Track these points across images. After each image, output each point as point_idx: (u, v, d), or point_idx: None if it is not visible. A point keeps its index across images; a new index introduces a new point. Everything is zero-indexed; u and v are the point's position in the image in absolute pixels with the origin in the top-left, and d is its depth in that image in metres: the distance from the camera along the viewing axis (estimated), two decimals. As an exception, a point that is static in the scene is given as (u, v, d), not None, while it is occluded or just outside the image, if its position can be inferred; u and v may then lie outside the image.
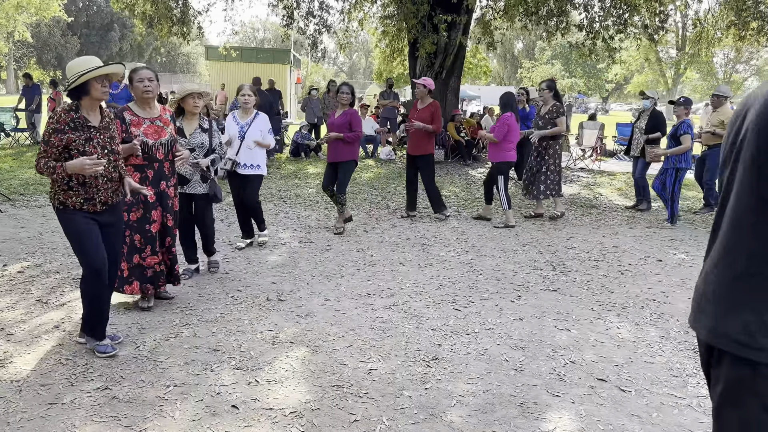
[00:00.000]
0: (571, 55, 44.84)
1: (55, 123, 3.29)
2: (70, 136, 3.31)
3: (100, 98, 3.40)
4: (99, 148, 3.41)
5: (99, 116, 3.48)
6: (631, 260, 6.07)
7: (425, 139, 7.34)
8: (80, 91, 3.34)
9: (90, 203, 3.43)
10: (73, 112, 3.35)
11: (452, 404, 3.18)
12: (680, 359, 3.82)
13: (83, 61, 3.36)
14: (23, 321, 4.09)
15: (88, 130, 3.38)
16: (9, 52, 44.02)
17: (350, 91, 6.69)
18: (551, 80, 8.04)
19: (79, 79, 3.28)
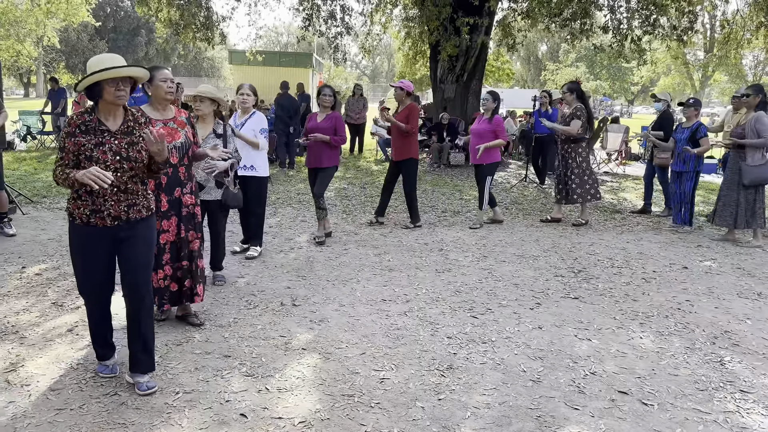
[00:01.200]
0: (595, 58, 44.34)
1: (68, 126, 3.03)
2: (79, 139, 2.99)
3: (114, 102, 3.03)
4: (110, 154, 3.02)
5: (120, 120, 3.11)
6: (656, 267, 5.90)
7: (406, 143, 7.04)
8: (95, 94, 3.01)
9: (97, 216, 3.06)
10: (87, 114, 3.04)
11: (466, 416, 3.08)
12: (706, 372, 3.67)
13: (99, 59, 3.00)
14: (37, 324, 4.09)
15: (100, 134, 3.02)
16: (39, 57, 44.91)
17: (332, 93, 6.48)
18: (573, 82, 7.89)
19: (86, 79, 2.93)
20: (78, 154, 2.99)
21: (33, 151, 13.55)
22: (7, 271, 5.19)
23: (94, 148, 3.00)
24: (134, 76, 3.08)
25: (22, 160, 11.86)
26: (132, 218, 3.13)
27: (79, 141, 2.98)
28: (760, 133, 6.57)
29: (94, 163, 2.96)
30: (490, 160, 7.26)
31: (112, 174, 2.95)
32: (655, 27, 12.63)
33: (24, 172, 10.39)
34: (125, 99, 3.05)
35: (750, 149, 6.68)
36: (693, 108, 7.46)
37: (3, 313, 4.26)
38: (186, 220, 4.05)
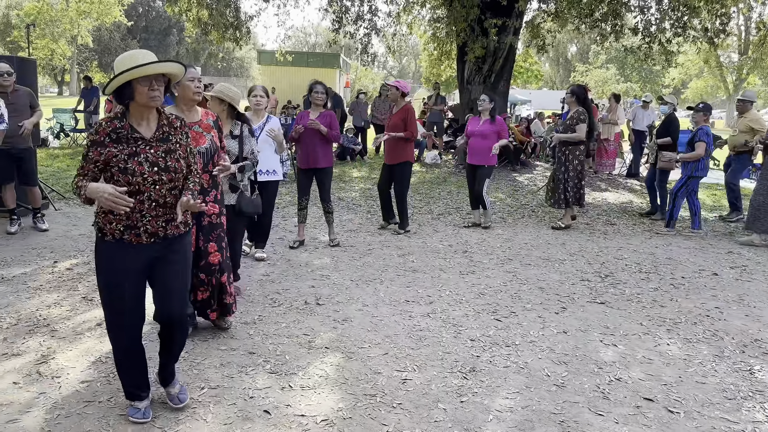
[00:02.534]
0: (626, 60, 43.73)
1: (94, 134, 2.64)
2: (110, 149, 2.61)
3: (148, 105, 2.65)
4: (147, 165, 2.65)
5: (154, 125, 2.74)
6: (685, 273, 5.80)
7: (401, 146, 6.76)
8: (125, 95, 2.63)
9: (132, 233, 2.70)
10: (117, 120, 2.66)
11: (489, 419, 3.07)
12: (735, 380, 3.60)
13: (129, 56, 2.63)
14: (68, 318, 4.18)
15: (134, 142, 2.65)
16: (73, 56, 45.90)
17: (325, 90, 6.13)
18: (578, 86, 7.75)
19: (116, 79, 2.57)
20: (109, 166, 2.63)
21: (66, 148, 13.85)
22: (40, 265, 5.32)
23: (128, 159, 2.63)
24: (169, 73, 2.72)
25: (56, 157, 12.13)
26: (170, 235, 2.80)
27: (110, 152, 2.61)
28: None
29: (129, 176, 2.62)
30: (491, 162, 7.23)
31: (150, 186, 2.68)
32: (686, 29, 12.41)
33: (57, 168, 10.63)
34: (160, 100, 2.69)
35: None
36: (702, 113, 7.34)
37: (35, 306, 4.37)
38: (206, 230, 3.79)
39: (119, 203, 2.52)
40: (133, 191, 2.64)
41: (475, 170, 7.36)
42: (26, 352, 3.63)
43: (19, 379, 3.30)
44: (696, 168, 7.20)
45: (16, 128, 6.02)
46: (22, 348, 3.68)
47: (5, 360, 3.52)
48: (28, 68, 7.25)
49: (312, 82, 6.20)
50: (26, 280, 4.92)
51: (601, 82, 45.91)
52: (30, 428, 2.84)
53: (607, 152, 12.66)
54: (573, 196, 7.48)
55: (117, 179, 2.63)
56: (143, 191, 2.67)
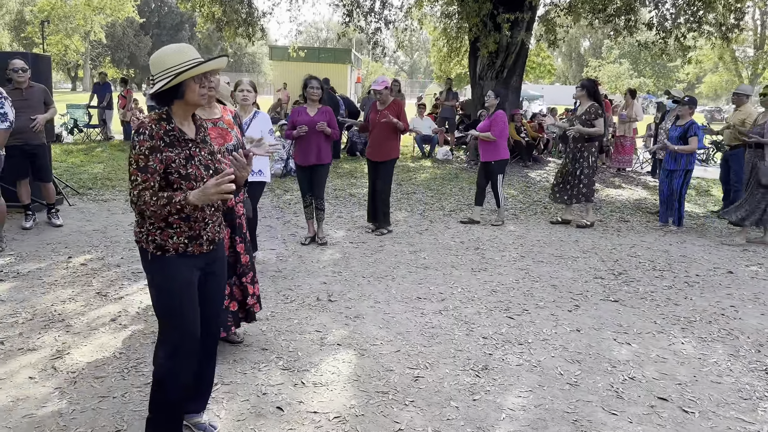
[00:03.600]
0: (640, 55, 43.35)
1: (148, 139, 2.37)
2: (168, 154, 2.41)
3: (198, 104, 2.53)
4: (202, 168, 2.51)
5: (194, 126, 2.59)
6: (699, 271, 5.75)
7: (390, 142, 6.61)
8: (172, 94, 2.45)
9: (196, 243, 2.53)
10: (165, 122, 2.44)
11: (501, 418, 3.06)
12: (750, 380, 3.57)
13: (176, 51, 2.45)
14: (82, 313, 4.22)
15: (185, 145, 2.48)
16: (86, 52, 46.22)
17: (320, 85, 5.95)
18: (589, 80, 7.70)
19: (176, 78, 2.39)
20: (166, 173, 2.42)
21: (80, 144, 13.95)
22: (54, 260, 5.37)
23: (186, 164, 2.45)
24: (219, 69, 2.66)
25: (70, 152, 12.22)
26: (220, 239, 2.69)
27: (168, 157, 2.41)
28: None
29: (193, 182, 2.45)
30: (497, 158, 7.17)
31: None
32: (701, 24, 12.26)
33: (71, 164, 10.71)
34: (206, 99, 2.61)
35: (767, 148, 6.54)
36: (688, 106, 7.33)
37: (50, 301, 4.41)
38: (239, 231, 3.68)
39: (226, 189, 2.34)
40: None
41: (486, 167, 7.35)
42: (41, 347, 3.66)
43: (35, 374, 3.33)
44: (690, 161, 7.21)
45: (29, 124, 6.06)
46: (37, 343, 3.72)
47: (21, 355, 3.56)
48: (43, 64, 7.31)
49: (306, 77, 6.04)
50: (41, 275, 4.96)
51: (615, 77, 45.53)
52: (46, 423, 2.87)
53: (623, 148, 12.55)
54: (590, 192, 7.43)
55: (177, 187, 2.44)
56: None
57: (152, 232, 2.47)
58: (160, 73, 2.42)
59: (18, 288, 4.65)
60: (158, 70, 2.43)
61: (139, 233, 2.51)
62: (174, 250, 2.47)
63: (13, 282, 4.77)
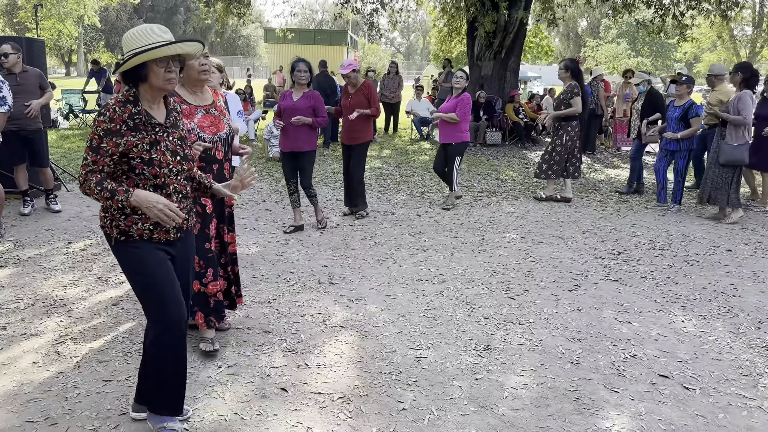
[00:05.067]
0: (638, 34, 43.07)
1: (107, 121, 2.30)
2: (129, 138, 2.33)
3: (164, 88, 2.42)
4: (169, 154, 2.44)
5: (164, 110, 2.51)
6: (699, 250, 5.76)
7: (364, 126, 6.43)
8: (135, 77, 2.37)
9: (161, 230, 2.48)
10: (131, 104, 2.36)
11: (504, 396, 3.08)
12: (750, 357, 3.59)
13: (143, 31, 2.37)
14: (84, 298, 4.22)
15: (152, 129, 2.40)
16: (79, 36, 45.78)
17: (308, 68, 5.69)
18: (572, 60, 7.74)
19: (133, 58, 2.31)
20: (128, 158, 2.36)
21: (76, 129, 13.87)
22: (54, 246, 5.36)
23: (150, 149, 2.38)
24: (187, 53, 2.48)
25: (66, 137, 12.15)
26: (189, 226, 2.64)
27: (129, 141, 2.33)
28: (740, 111, 6.45)
29: (157, 168, 2.40)
30: (459, 140, 7.03)
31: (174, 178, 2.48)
32: (700, 2, 12.19)
33: (67, 149, 10.66)
34: (175, 83, 2.45)
35: (730, 128, 6.55)
36: (686, 85, 7.27)
37: (51, 286, 4.41)
38: (228, 221, 3.65)
39: (172, 217, 2.34)
40: (159, 184, 2.43)
41: (445, 149, 7.18)
42: (44, 333, 3.67)
43: (38, 359, 3.34)
44: (692, 142, 7.22)
45: (23, 109, 6.01)
46: (40, 328, 3.72)
47: (24, 340, 3.56)
48: (37, 49, 7.23)
49: (294, 59, 5.80)
50: (41, 261, 4.96)
51: (612, 57, 45.30)
52: (51, 408, 2.88)
53: (624, 128, 12.51)
54: (564, 168, 7.54)
55: (140, 172, 2.38)
56: (168, 184, 2.45)
57: (116, 218, 2.42)
58: (126, 54, 2.36)
59: (18, 274, 4.64)
60: (125, 50, 2.38)
61: (104, 218, 2.47)
62: (138, 237, 2.44)
63: (13, 268, 4.77)
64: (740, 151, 6.50)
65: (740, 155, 6.50)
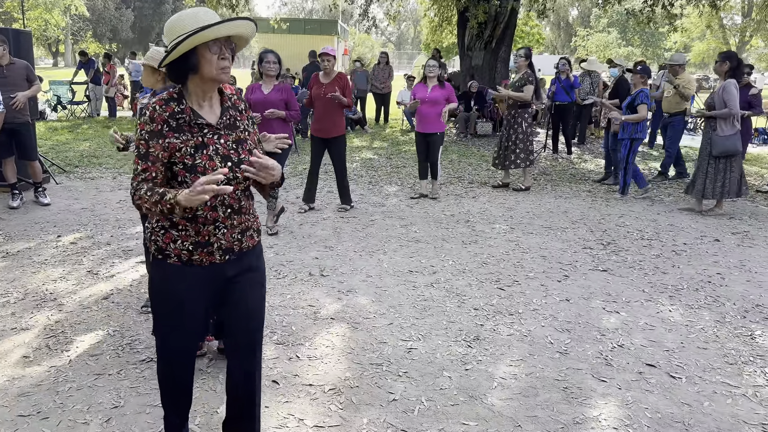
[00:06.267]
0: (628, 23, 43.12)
1: (148, 122, 2.02)
2: (171, 141, 2.02)
3: (218, 78, 2.05)
4: (217, 159, 2.07)
5: (218, 108, 2.14)
6: (687, 239, 5.82)
7: (337, 118, 6.29)
8: (184, 67, 2.02)
9: (203, 250, 2.11)
10: (174, 102, 2.05)
11: (493, 386, 3.12)
12: (736, 345, 3.65)
13: (187, 16, 2.01)
14: (74, 292, 4.22)
15: (199, 130, 2.06)
16: (67, 26, 45.26)
17: (278, 60, 5.47)
18: (527, 48, 7.88)
19: (180, 46, 1.95)
20: (170, 163, 2.05)
21: (64, 121, 13.76)
22: (44, 239, 5.34)
23: (195, 153, 2.04)
24: (242, 35, 2.10)
25: (54, 129, 12.06)
26: (245, 248, 2.21)
27: (171, 144, 2.02)
28: (726, 103, 6.48)
29: (200, 175, 2.01)
30: (440, 129, 7.09)
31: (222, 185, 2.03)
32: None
33: (56, 142, 10.58)
34: (230, 72, 2.11)
35: (720, 120, 6.58)
36: (640, 75, 7.43)
37: (41, 280, 4.40)
38: None
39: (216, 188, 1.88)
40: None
41: (426, 139, 7.17)
42: (35, 327, 3.67)
43: (29, 353, 3.34)
44: (636, 130, 7.29)
45: (9, 101, 5.95)
46: (30, 322, 3.72)
47: (15, 334, 3.56)
48: (24, 41, 7.16)
49: (262, 50, 5.61)
50: (31, 254, 4.94)
51: (603, 46, 45.33)
52: (42, 402, 2.89)
53: None
54: (525, 158, 7.69)
55: (182, 180, 2.04)
56: (216, 195, 2.00)
57: (156, 231, 2.12)
58: (171, 43, 2.00)
59: (8, 268, 4.63)
60: (170, 39, 2.01)
61: (145, 229, 2.21)
62: (176, 257, 2.10)
63: (2, 262, 4.75)
64: (732, 141, 6.53)
65: (732, 145, 6.53)
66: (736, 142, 6.55)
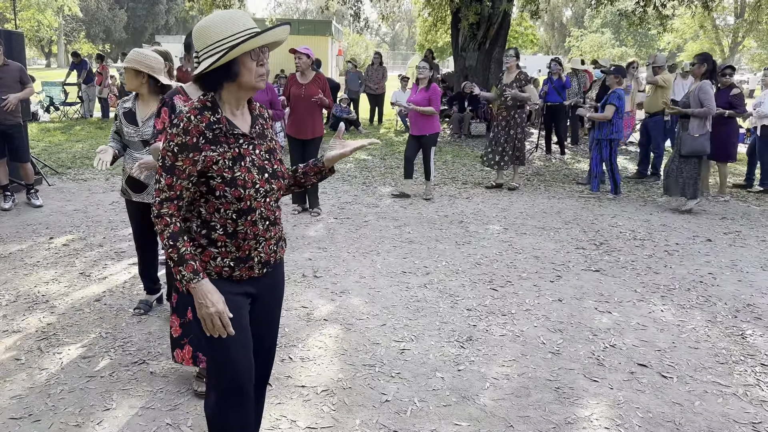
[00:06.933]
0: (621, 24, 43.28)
1: (181, 133, 1.85)
2: (208, 154, 1.87)
3: (256, 87, 1.94)
4: (255, 171, 1.96)
5: (249, 116, 2.04)
6: (679, 239, 5.85)
7: (316, 118, 6.25)
8: (222, 75, 1.89)
9: (244, 266, 2.01)
10: (209, 112, 1.91)
11: (485, 387, 3.13)
12: (727, 345, 3.67)
13: (227, 20, 1.89)
14: (66, 294, 4.20)
15: (235, 141, 1.94)
16: (59, 27, 45.08)
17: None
18: (516, 49, 7.99)
19: (230, 52, 1.83)
20: (206, 177, 1.90)
21: (56, 122, 13.71)
22: (36, 241, 5.32)
23: (233, 166, 1.91)
24: (280, 41, 1.99)
25: (47, 131, 12.01)
26: (278, 258, 2.13)
27: (208, 157, 1.88)
28: (703, 102, 6.53)
29: (241, 189, 1.91)
30: (432, 131, 7.11)
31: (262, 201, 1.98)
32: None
33: (49, 143, 10.54)
34: (264, 81, 1.97)
35: (693, 119, 6.62)
36: (614, 75, 7.53)
37: (33, 282, 4.39)
38: None
39: (218, 329, 1.91)
40: (243, 209, 1.94)
41: (418, 141, 7.21)
42: (26, 329, 3.65)
43: (20, 356, 3.33)
44: (611, 131, 7.36)
45: (0, 103, 5.92)
46: (22, 325, 3.71)
47: (6, 337, 3.55)
48: (16, 42, 7.13)
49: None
50: (23, 256, 4.92)
51: (597, 47, 45.47)
52: (34, 404, 2.88)
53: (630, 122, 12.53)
54: (520, 157, 7.81)
55: (221, 195, 1.91)
56: (255, 208, 1.95)
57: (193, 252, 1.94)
58: (206, 49, 1.88)
59: (0, 270, 4.61)
60: (204, 44, 1.89)
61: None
62: (216, 275, 1.98)
63: (-6, 264, 4.73)
64: (701, 141, 6.59)
65: (701, 146, 6.60)
66: (705, 143, 6.62)
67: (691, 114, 6.55)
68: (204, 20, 1.92)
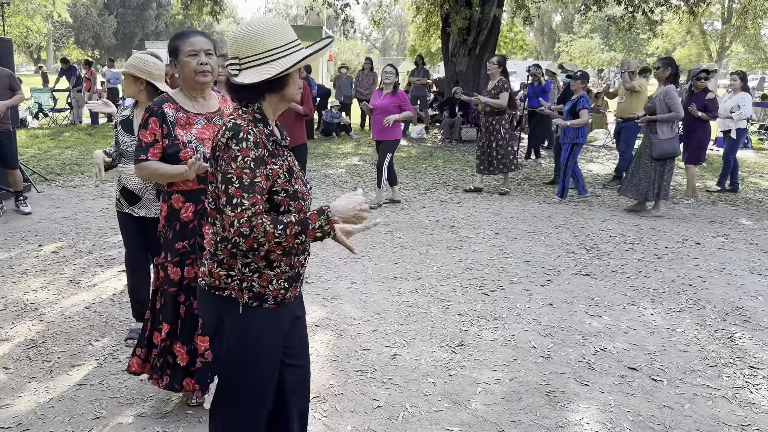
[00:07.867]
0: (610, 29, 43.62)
1: (253, 147, 1.75)
2: (272, 167, 1.81)
3: (295, 99, 1.94)
4: (301, 182, 1.92)
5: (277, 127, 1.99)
6: (668, 243, 5.89)
7: (296, 127, 5.98)
8: (268, 86, 1.82)
9: (294, 285, 1.94)
10: (261, 124, 1.83)
11: (477, 392, 3.13)
12: (716, 348, 3.69)
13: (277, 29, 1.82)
14: (55, 301, 4.17)
15: (283, 153, 1.90)
16: (48, 33, 44.86)
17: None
18: (502, 56, 8.08)
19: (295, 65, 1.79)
20: (272, 192, 1.81)
21: (45, 128, 13.63)
22: (25, 249, 5.28)
23: (290, 179, 1.86)
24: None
25: (36, 137, 11.94)
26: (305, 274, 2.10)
27: (273, 170, 1.80)
28: (670, 107, 6.60)
29: (301, 202, 1.87)
30: (392, 137, 7.04)
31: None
32: (668, -1, 12.41)
33: (38, 149, 10.48)
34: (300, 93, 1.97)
35: (661, 123, 6.68)
36: (580, 80, 7.62)
37: (22, 290, 4.35)
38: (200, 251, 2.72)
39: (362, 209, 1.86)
40: None
41: (378, 145, 7.18)
42: (15, 337, 3.62)
43: (9, 365, 3.30)
44: (577, 135, 7.44)
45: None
46: (10, 333, 3.68)
47: (-6, 345, 3.52)
48: (4, 48, 7.10)
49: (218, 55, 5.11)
50: (11, 264, 4.89)
51: (586, 52, 45.79)
52: (23, 413, 2.85)
53: None
54: (509, 162, 7.90)
55: (285, 210, 1.83)
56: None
57: (247, 277, 1.83)
58: (256, 56, 1.78)
59: (-12, 278, 4.58)
60: (252, 51, 1.78)
61: (228, 277, 1.84)
62: (273, 299, 1.87)
63: (-18, 272, 4.70)
64: (671, 143, 6.68)
65: (671, 147, 6.68)
66: (675, 145, 6.70)
67: (660, 120, 6.61)
68: (250, 26, 1.80)
